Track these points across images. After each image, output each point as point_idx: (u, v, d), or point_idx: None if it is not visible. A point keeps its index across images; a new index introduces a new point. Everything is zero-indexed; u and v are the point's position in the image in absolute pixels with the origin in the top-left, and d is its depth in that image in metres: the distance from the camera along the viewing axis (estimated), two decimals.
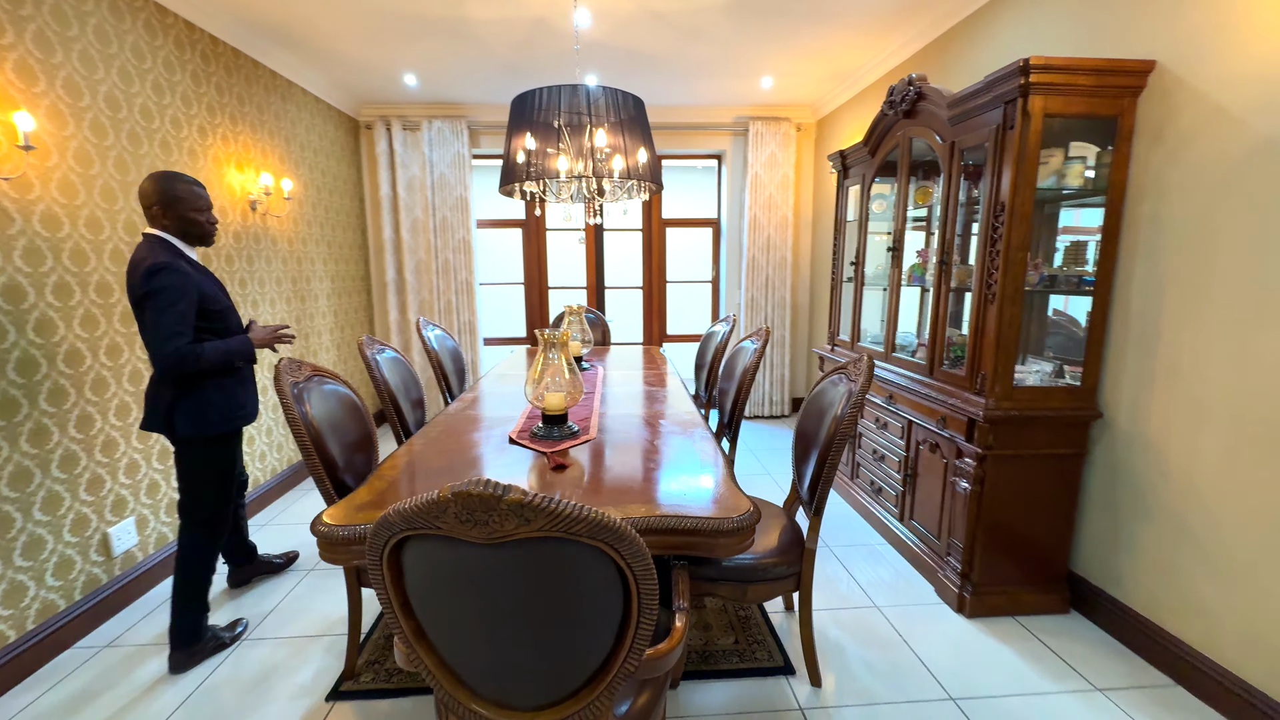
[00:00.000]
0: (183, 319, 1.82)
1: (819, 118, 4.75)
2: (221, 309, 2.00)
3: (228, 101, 3.05)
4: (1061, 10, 2.31)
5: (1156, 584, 1.96)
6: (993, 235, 2.10)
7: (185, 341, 1.82)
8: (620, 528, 0.89)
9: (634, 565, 0.93)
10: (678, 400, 2.56)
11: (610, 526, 0.88)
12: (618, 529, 0.89)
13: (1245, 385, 1.68)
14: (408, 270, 4.71)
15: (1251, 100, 1.64)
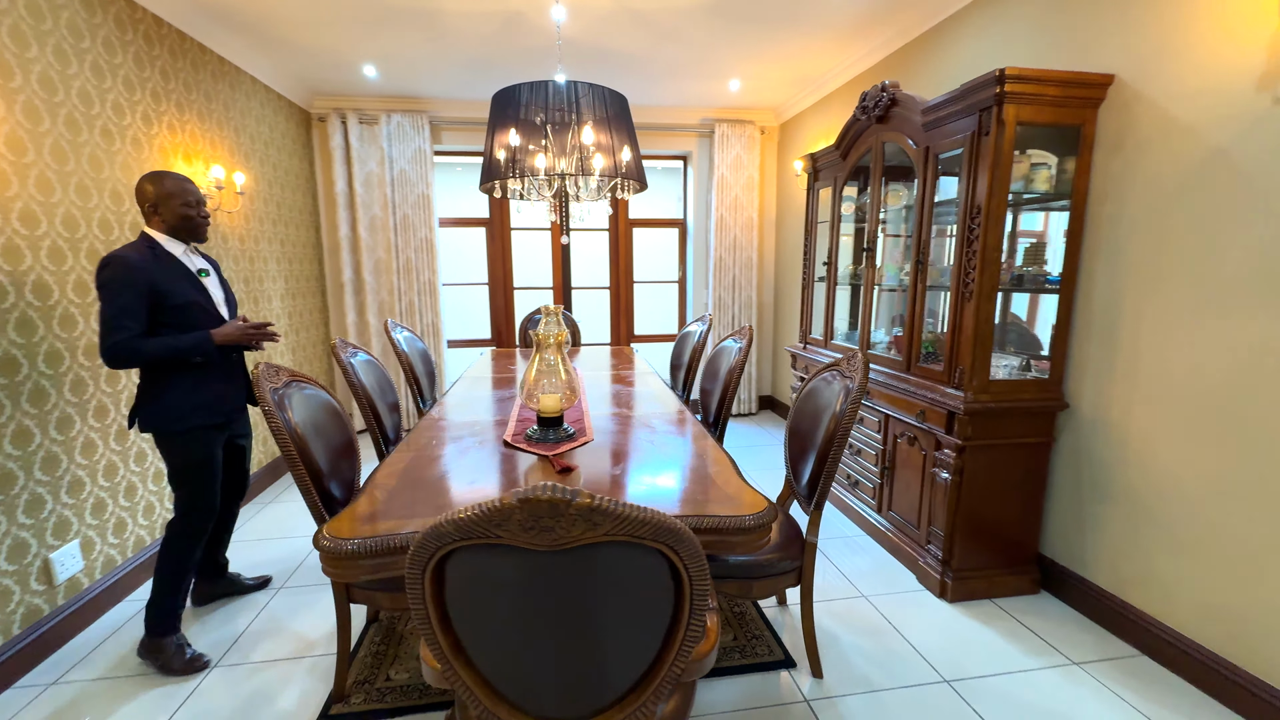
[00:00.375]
0: (125, 312, 1.82)
1: (782, 121, 4.86)
2: (182, 304, 1.94)
3: (174, 88, 2.83)
4: (1022, 24, 2.45)
5: (1119, 561, 2.11)
6: (969, 236, 2.20)
7: (126, 335, 1.82)
8: (682, 530, 0.87)
9: (690, 566, 0.92)
10: (665, 400, 2.56)
11: (673, 529, 0.86)
12: (679, 531, 0.87)
13: (1198, 373, 1.83)
14: (366, 270, 4.51)
15: (1203, 113, 1.79)
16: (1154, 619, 1.99)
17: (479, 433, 2.09)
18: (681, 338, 3.65)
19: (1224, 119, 1.73)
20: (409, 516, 1.38)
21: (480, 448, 1.93)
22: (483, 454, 1.86)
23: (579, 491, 0.79)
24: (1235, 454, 1.74)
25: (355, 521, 1.36)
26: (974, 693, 1.83)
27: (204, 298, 2.03)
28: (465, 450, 1.90)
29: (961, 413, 2.20)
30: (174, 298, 1.92)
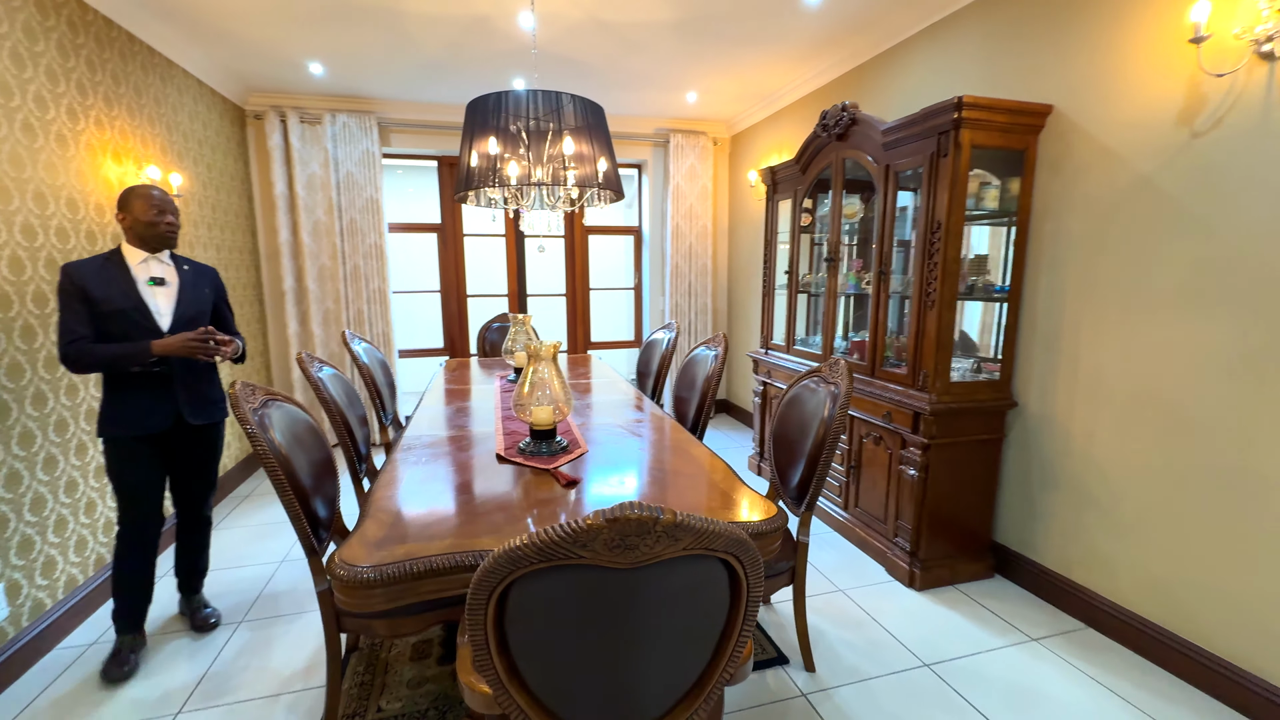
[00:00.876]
0: (78, 319, 1.90)
1: (734, 133, 5.02)
2: (109, 312, 1.94)
3: (101, 80, 2.59)
4: (967, 54, 2.67)
5: (1065, 544, 2.33)
6: (930, 249, 2.37)
7: (75, 339, 1.88)
8: (748, 540, 0.91)
9: (750, 574, 0.95)
10: (644, 407, 2.59)
11: (742, 539, 0.90)
12: (746, 541, 0.91)
13: (1131, 371, 2.06)
14: (309, 277, 4.27)
15: (1131, 143, 2.02)
16: (1098, 594, 2.21)
17: (467, 447, 2.04)
18: (648, 345, 3.69)
19: (1149, 149, 1.96)
20: (427, 539, 1.33)
21: (474, 463, 1.88)
22: (480, 470, 1.82)
23: (663, 509, 0.81)
24: (1164, 443, 1.97)
25: (368, 547, 1.30)
26: (952, 673, 1.97)
27: (137, 306, 1.99)
28: (459, 466, 1.85)
29: (928, 413, 2.37)
30: (101, 305, 1.93)
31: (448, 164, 4.75)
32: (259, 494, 3.63)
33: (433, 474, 1.77)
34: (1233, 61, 1.71)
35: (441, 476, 1.75)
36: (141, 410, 2.01)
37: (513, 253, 5.02)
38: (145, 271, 2.04)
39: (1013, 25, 2.43)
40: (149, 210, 2.01)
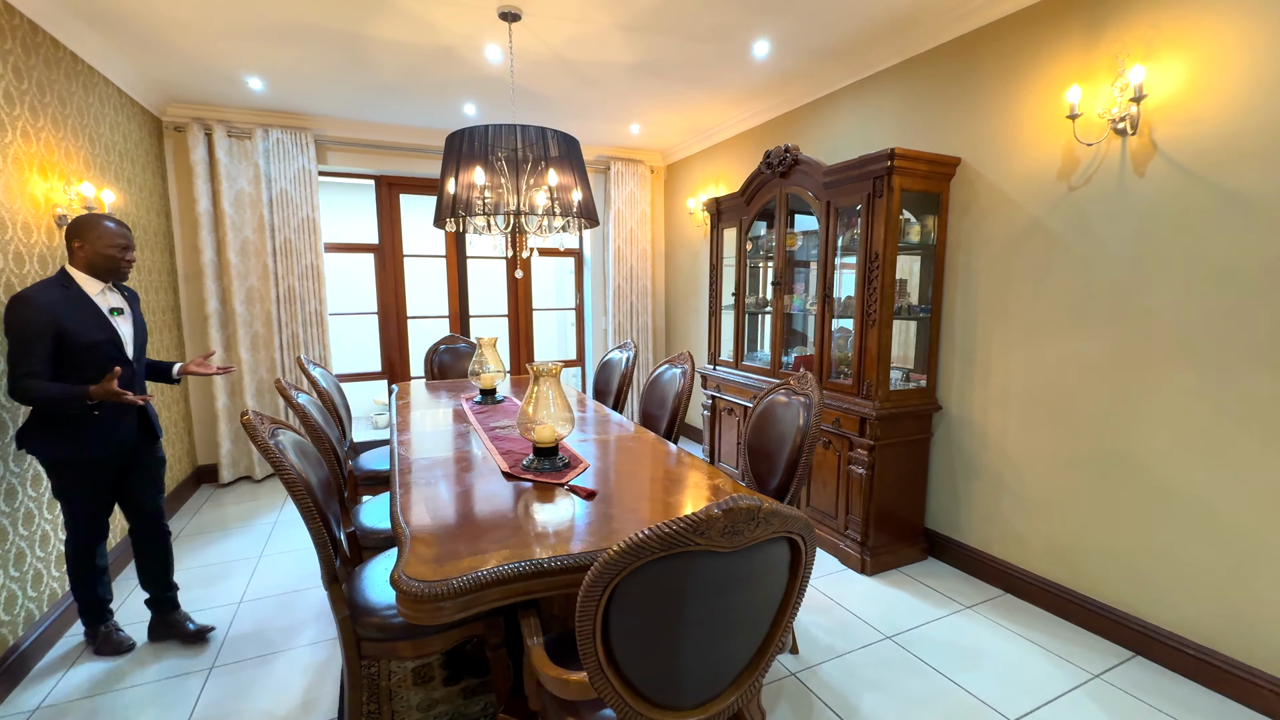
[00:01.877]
0: (30, 354, 1.87)
1: (669, 162, 5.34)
2: (87, 343, 1.98)
3: (28, 89, 2.38)
4: (885, 109, 3.11)
5: (985, 524, 2.75)
6: (869, 276, 2.74)
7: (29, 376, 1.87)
8: (810, 523, 1.10)
9: (808, 549, 1.15)
10: (621, 423, 2.74)
11: (808, 522, 1.09)
12: (810, 524, 1.10)
13: (1032, 377, 2.51)
14: (237, 299, 4.01)
15: (1024, 192, 2.49)
16: (1013, 565, 2.63)
17: (468, 467, 2.09)
18: (605, 364, 3.83)
19: (1038, 198, 2.44)
20: (480, 552, 1.41)
21: (484, 481, 1.94)
22: (493, 487, 1.89)
23: (762, 498, 0.98)
24: (1060, 435, 2.42)
25: (429, 564, 1.36)
26: (910, 642, 2.28)
27: (111, 337, 2.07)
28: (471, 485, 1.91)
29: (874, 418, 2.71)
30: (78, 336, 1.96)
31: (386, 183, 4.66)
32: (188, 535, 3.35)
33: (447, 494, 1.82)
34: (1097, 134, 2.20)
35: (458, 495, 1.81)
36: (102, 431, 2.04)
37: (454, 274, 4.99)
38: (105, 302, 2.08)
39: (926, 88, 2.89)
40: (113, 245, 2.05)
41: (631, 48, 3.00)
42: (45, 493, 2.34)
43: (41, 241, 2.41)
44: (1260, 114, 1.82)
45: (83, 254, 2.01)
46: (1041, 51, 2.38)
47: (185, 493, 3.84)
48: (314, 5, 2.53)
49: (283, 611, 2.55)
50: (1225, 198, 1.90)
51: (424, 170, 4.60)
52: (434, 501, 1.76)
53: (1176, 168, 2.01)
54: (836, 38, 2.91)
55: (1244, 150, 1.85)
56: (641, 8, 2.59)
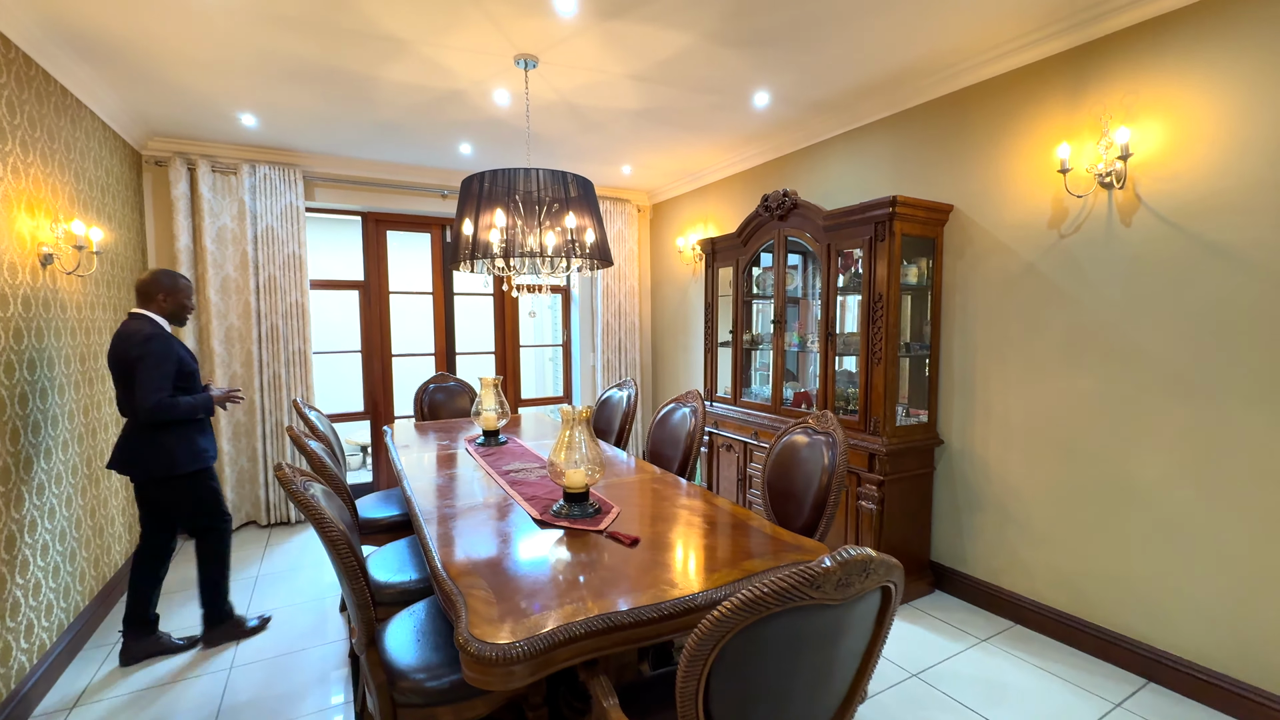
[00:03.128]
0: (166, 378, 2.32)
1: (655, 202, 5.46)
2: (192, 371, 2.47)
3: (19, 123, 2.27)
4: (876, 157, 3.29)
5: (991, 556, 2.82)
6: (873, 316, 2.84)
7: (166, 395, 2.30)
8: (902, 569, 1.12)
9: (897, 597, 1.16)
10: (629, 463, 2.72)
11: (900, 569, 1.10)
12: (902, 571, 1.12)
13: (1031, 412, 2.63)
14: (215, 339, 3.83)
15: (1017, 238, 2.66)
16: (1021, 595, 2.70)
17: (497, 515, 2.03)
18: (604, 404, 3.81)
19: (1030, 244, 2.60)
20: (547, 607, 1.36)
21: (518, 530, 1.89)
22: (529, 536, 1.84)
23: (873, 551, 0.99)
24: (1061, 467, 2.54)
25: (492, 623, 1.30)
26: (936, 679, 2.30)
27: (196, 368, 2.53)
28: (502, 535, 1.85)
29: (883, 454, 2.78)
30: (187, 365, 2.45)
31: (373, 220, 4.60)
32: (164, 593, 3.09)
33: (483, 544, 1.76)
34: (1085, 187, 2.38)
35: (495, 547, 1.75)
36: (210, 445, 2.54)
37: (440, 310, 4.91)
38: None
39: (917, 139, 3.08)
40: (189, 297, 2.55)
41: (638, 96, 3.10)
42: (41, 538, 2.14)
43: (26, 282, 2.26)
44: (1234, 173, 2.01)
45: (166, 304, 2.45)
46: (1027, 111, 2.58)
47: None
48: (333, 49, 2.53)
49: (280, 676, 2.37)
50: (1207, 247, 2.08)
51: (412, 207, 4.57)
52: (476, 554, 1.70)
53: (1160, 219, 2.19)
54: (831, 92, 3.08)
55: (1222, 205, 2.04)
56: (654, 60, 2.68)
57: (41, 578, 2.28)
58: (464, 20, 2.32)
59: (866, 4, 2.24)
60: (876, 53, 2.64)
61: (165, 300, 2.44)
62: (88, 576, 2.70)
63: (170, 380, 2.32)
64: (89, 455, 2.76)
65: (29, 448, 2.23)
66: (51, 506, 2.38)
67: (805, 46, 2.57)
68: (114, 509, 3.05)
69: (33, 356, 2.28)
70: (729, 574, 1.56)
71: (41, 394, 2.34)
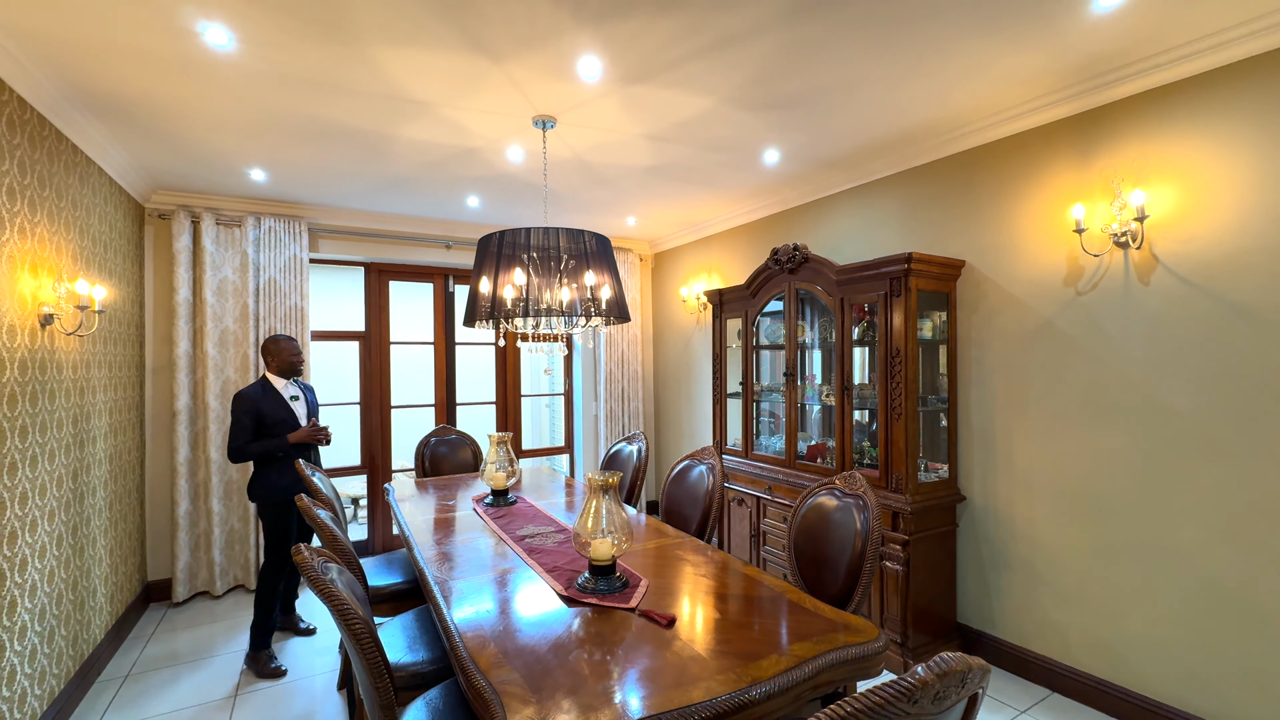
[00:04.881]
0: (243, 429, 2.92)
1: (656, 252, 5.50)
2: (275, 420, 3.01)
3: (29, 183, 2.22)
4: (884, 212, 3.34)
5: (1021, 618, 2.73)
6: (891, 370, 2.82)
7: (241, 442, 2.91)
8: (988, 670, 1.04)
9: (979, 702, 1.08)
10: (642, 524, 2.62)
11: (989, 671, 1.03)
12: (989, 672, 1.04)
13: (1056, 468, 2.60)
14: (210, 393, 3.71)
15: (1032, 295, 2.67)
16: (1055, 660, 2.60)
17: (518, 591, 1.92)
18: (613, 456, 3.72)
19: (1046, 300, 2.62)
20: (591, 708, 1.26)
21: (542, 608, 1.78)
22: (555, 615, 1.73)
23: (969, 658, 0.92)
24: (1087, 525, 2.48)
25: None
26: None
27: (289, 415, 3.08)
28: (526, 613, 1.74)
29: (908, 512, 2.71)
30: (269, 417, 3.00)
31: (375, 270, 4.56)
32: (138, 675, 2.88)
33: (508, 627, 1.65)
34: (1100, 246, 2.41)
35: (522, 630, 1.64)
36: (286, 481, 3.00)
37: (441, 361, 4.84)
38: (286, 391, 3.12)
39: (925, 195, 3.13)
40: (293, 355, 3.14)
41: (651, 154, 3.14)
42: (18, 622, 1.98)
43: (24, 345, 2.17)
44: (1251, 234, 2.04)
45: (274, 364, 3.10)
46: (1037, 171, 2.64)
47: (133, 617, 3.35)
48: (356, 110, 2.53)
49: None
50: (1230, 307, 2.10)
51: (416, 257, 4.54)
52: (502, 639, 1.58)
53: (1180, 279, 2.21)
54: (840, 150, 3.14)
55: (1243, 266, 2.06)
56: (670, 121, 2.72)
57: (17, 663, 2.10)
58: (488, 84, 2.34)
59: (876, 74, 2.30)
60: (885, 116, 2.71)
61: (272, 361, 3.10)
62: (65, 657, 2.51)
63: (247, 431, 2.91)
64: (74, 523, 2.60)
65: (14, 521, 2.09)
66: (34, 583, 2.22)
67: (818, 110, 2.63)
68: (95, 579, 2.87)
69: (25, 423, 2.17)
70: (779, 661, 1.46)
71: (32, 461, 2.21)
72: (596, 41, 2.05)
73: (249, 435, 2.91)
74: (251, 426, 2.92)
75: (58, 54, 2.08)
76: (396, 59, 2.14)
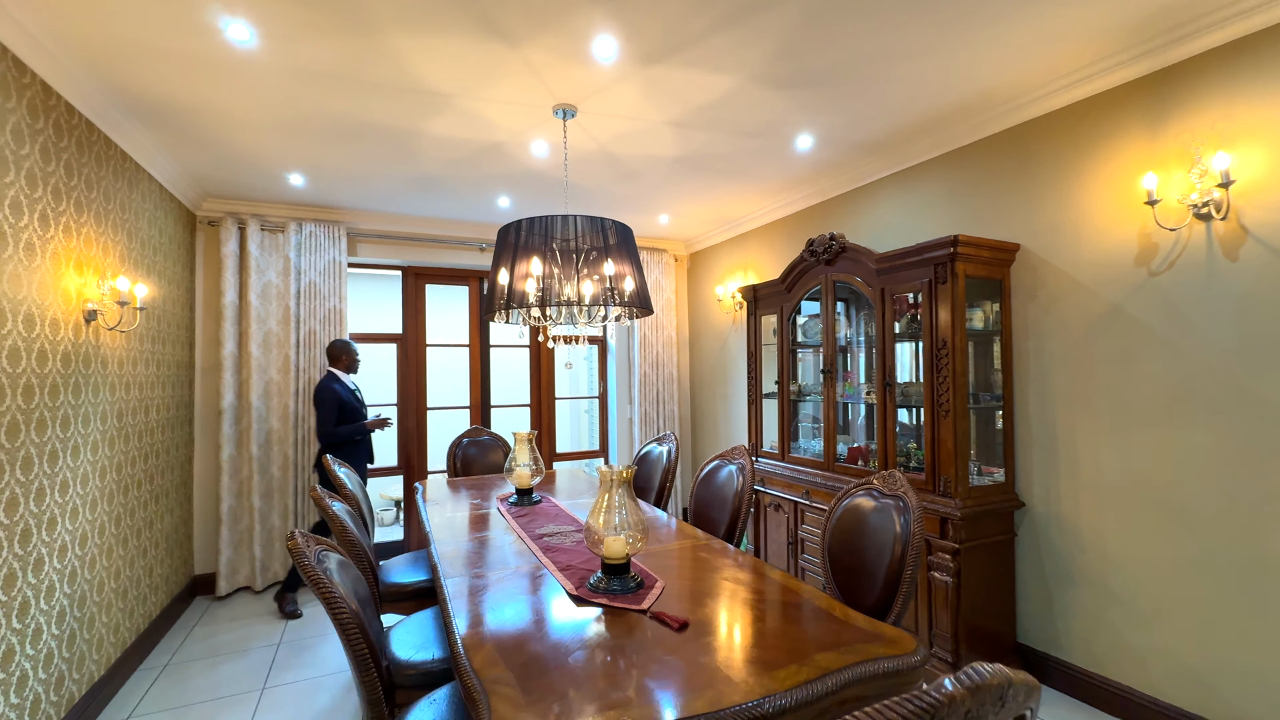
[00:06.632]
0: (330, 416, 3.48)
1: (692, 251, 5.38)
2: (353, 408, 3.58)
3: (75, 185, 2.33)
4: (930, 196, 3.12)
5: (1091, 640, 2.44)
6: (937, 364, 2.61)
7: (330, 427, 3.48)
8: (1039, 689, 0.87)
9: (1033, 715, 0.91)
10: (671, 526, 2.49)
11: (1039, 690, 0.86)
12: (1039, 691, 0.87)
13: (1129, 472, 2.31)
14: (254, 393, 3.83)
15: (1097, 278, 2.41)
16: (1132, 689, 2.30)
17: (528, 588, 1.83)
18: (643, 459, 3.61)
19: (1115, 284, 2.35)
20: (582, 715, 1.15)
21: (552, 608, 1.68)
22: (563, 615, 1.63)
23: (1009, 670, 0.76)
24: (1171, 536, 2.19)
25: None
26: None
27: (360, 406, 3.66)
28: (538, 613, 1.64)
29: (957, 518, 2.48)
30: (348, 407, 3.54)
31: (413, 274, 4.64)
32: (178, 664, 2.95)
33: (511, 626, 1.56)
34: (1178, 219, 2.14)
35: (524, 629, 1.54)
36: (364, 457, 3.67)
37: (477, 363, 4.86)
38: (350, 384, 3.67)
39: (973, 177, 2.91)
40: (358, 356, 3.77)
41: (677, 143, 3.04)
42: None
43: (67, 338, 2.26)
44: None
45: (344, 363, 3.68)
46: (1101, 141, 2.39)
47: (178, 609, 3.46)
48: (380, 105, 2.56)
49: None
50: None
51: (451, 260, 4.59)
52: (503, 638, 1.49)
53: (1273, 252, 1.93)
54: (878, 132, 2.96)
55: None
56: (695, 105, 2.62)
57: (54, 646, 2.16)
58: (505, 71, 2.30)
59: (913, 43, 2.13)
60: (925, 92, 2.52)
61: (342, 361, 3.68)
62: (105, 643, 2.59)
63: (334, 417, 3.48)
64: (118, 513, 2.69)
65: (54, 507, 2.17)
66: (73, 569, 2.30)
67: (851, 87, 2.47)
68: (139, 569, 2.96)
69: (67, 413, 2.25)
70: (799, 671, 1.31)
71: (73, 452, 2.30)
72: (610, 17, 1.98)
73: (335, 422, 3.47)
74: (336, 415, 3.47)
75: (97, 58, 2.17)
76: (414, 47, 2.13)
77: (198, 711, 2.50)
